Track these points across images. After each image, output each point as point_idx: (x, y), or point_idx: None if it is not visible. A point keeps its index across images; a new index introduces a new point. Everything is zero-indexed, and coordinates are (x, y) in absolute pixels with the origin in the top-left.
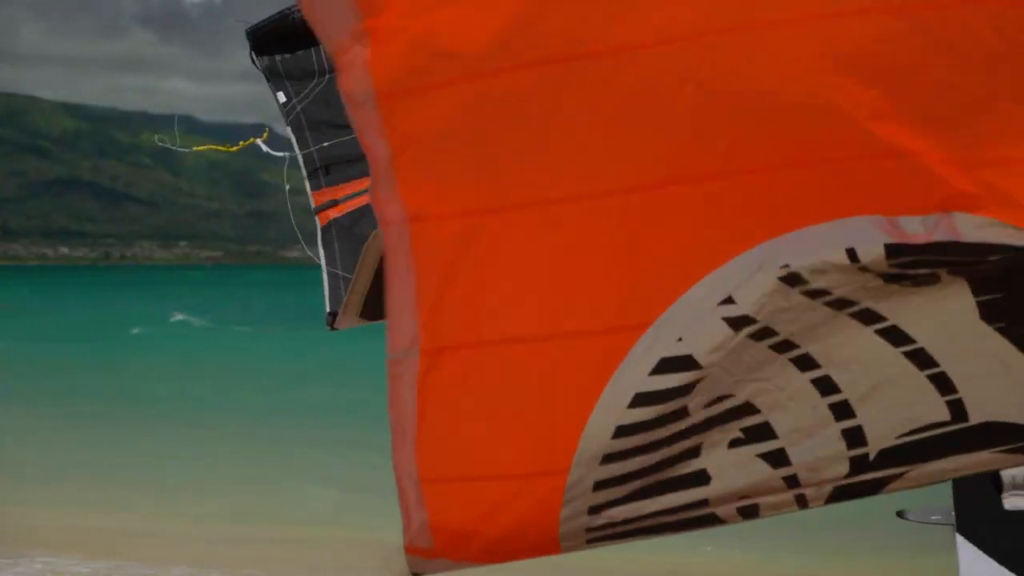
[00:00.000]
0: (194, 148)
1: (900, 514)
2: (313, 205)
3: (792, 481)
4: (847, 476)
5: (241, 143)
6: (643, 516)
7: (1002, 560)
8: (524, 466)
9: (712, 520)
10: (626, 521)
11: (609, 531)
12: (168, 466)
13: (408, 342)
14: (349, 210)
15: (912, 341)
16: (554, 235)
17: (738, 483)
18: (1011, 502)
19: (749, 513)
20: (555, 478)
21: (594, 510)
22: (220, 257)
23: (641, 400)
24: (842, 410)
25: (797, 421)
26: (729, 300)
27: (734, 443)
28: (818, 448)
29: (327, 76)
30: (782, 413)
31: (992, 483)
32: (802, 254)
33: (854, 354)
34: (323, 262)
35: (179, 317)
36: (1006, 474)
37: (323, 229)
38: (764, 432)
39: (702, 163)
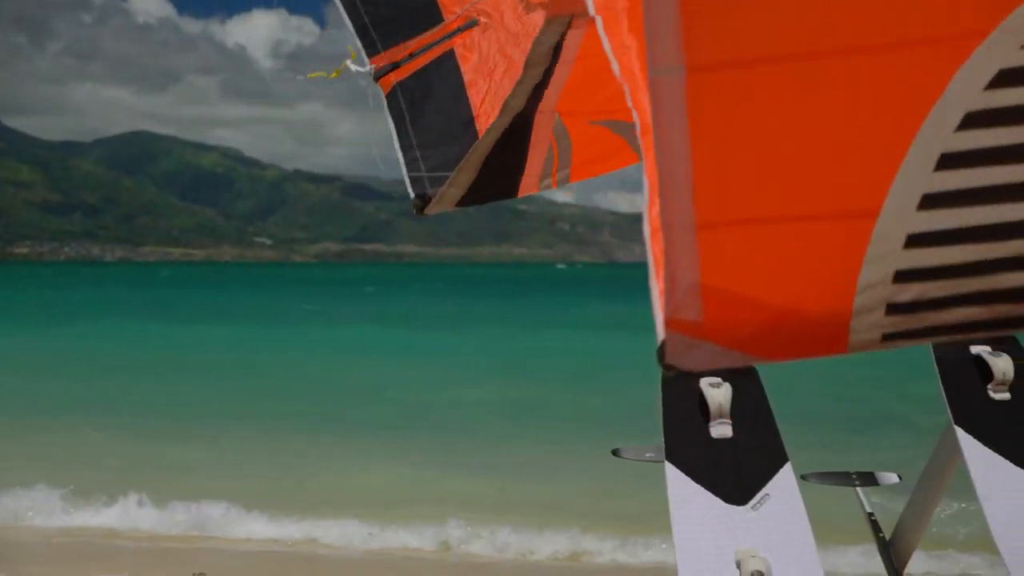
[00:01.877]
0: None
1: (615, 452)
2: (373, 72)
3: None
4: None
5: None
6: (961, 297)
7: (708, 486)
8: (823, 204)
9: None
10: (936, 303)
11: (914, 321)
12: None
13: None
14: (412, 71)
15: None
16: None
17: None
18: (717, 430)
19: None
20: (861, 224)
21: (900, 276)
22: None
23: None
24: None
25: None
26: None
27: None
28: None
29: None
30: None
31: (700, 413)
32: None
33: None
34: (395, 135)
35: None
36: (712, 403)
37: (388, 96)
38: None
39: None
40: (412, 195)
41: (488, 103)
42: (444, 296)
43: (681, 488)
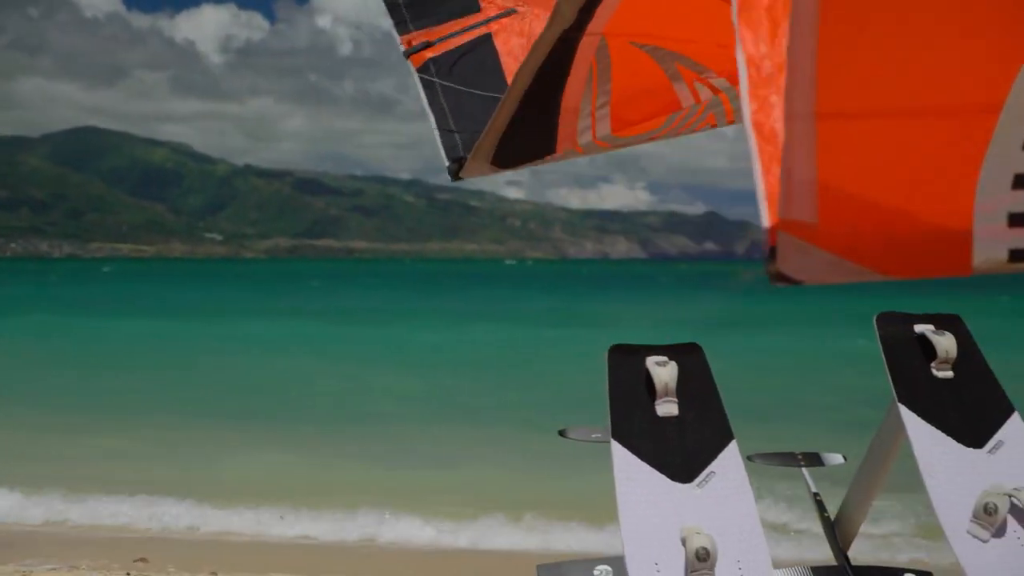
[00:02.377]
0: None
1: (561, 433)
2: (403, 48)
3: None
4: None
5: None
6: None
7: (653, 463)
8: (945, 97)
9: None
10: None
11: None
12: None
13: None
14: (447, 49)
15: None
16: None
17: None
18: (663, 409)
19: None
20: (982, 120)
21: (1019, 182)
22: None
23: None
24: None
25: None
26: None
27: None
28: None
29: None
30: None
31: (646, 391)
32: None
33: None
34: (426, 105)
35: None
36: (658, 381)
37: (420, 70)
38: None
39: None
40: (448, 162)
41: None
42: (382, 291)
43: (626, 466)
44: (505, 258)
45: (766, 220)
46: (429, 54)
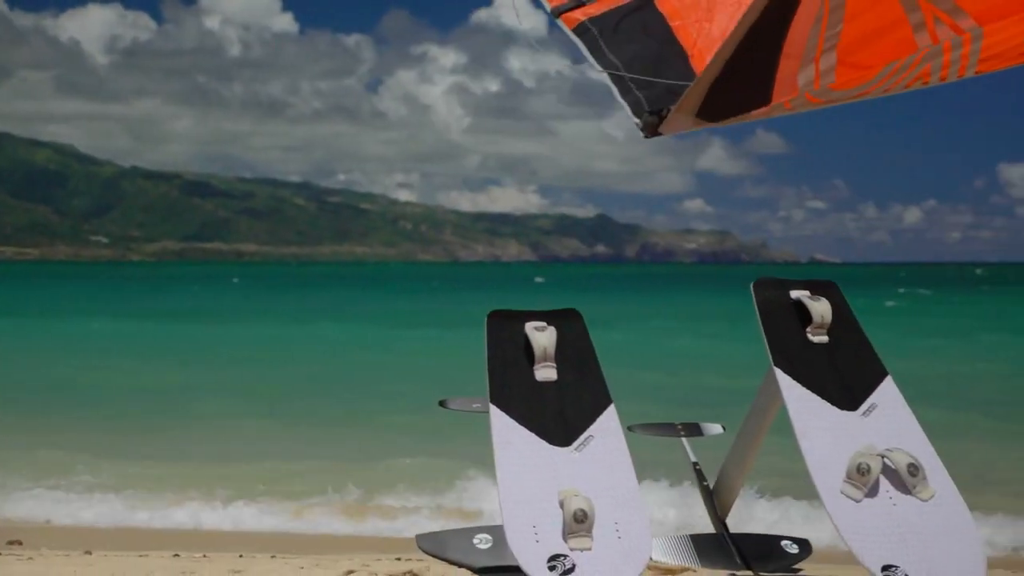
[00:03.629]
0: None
1: (442, 403)
2: (549, 7)
3: None
4: None
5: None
6: None
7: (531, 427)
8: None
9: None
10: None
11: None
12: None
13: None
14: (607, 8)
15: None
16: None
17: None
18: (541, 373)
19: None
20: None
21: None
22: None
23: None
24: None
25: None
26: None
27: None
28: None
29: None
30: None
31: (525, 356)
32: None
33: None
34: (594, 62)
35: None
36: (537, 347)
37: (577, 30)
38: None
39: None
40: (636, 120)
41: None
42: (243, 292)
43: (504, 430)
44: (397, 261)
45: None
46: (580, 16)
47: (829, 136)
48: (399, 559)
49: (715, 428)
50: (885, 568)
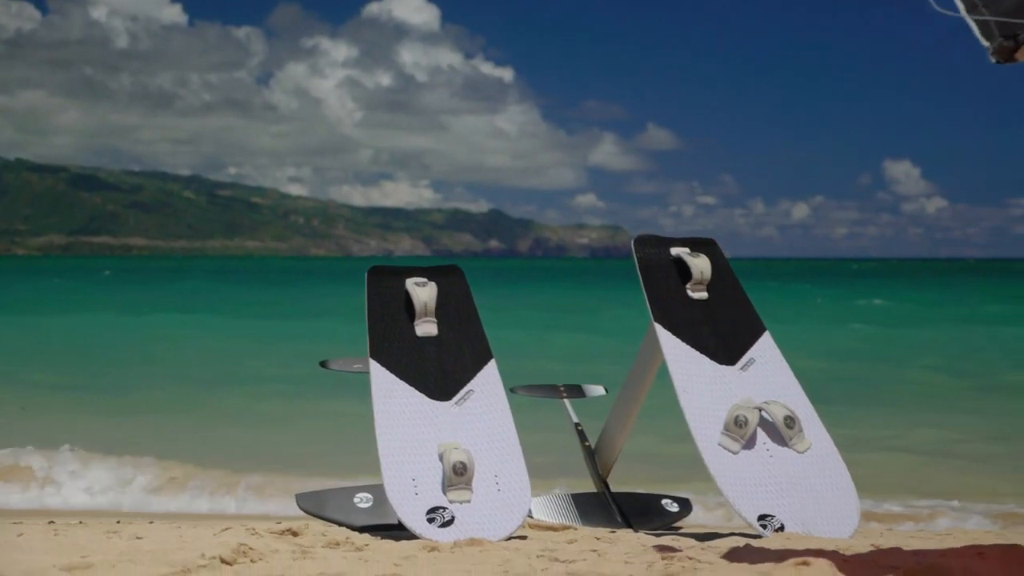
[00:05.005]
0: None
1: (323, 364)
2: None
3: None
4: None
5: None
6: None
7: (412, 382)
8: None
9: None
10: None
11: None
12: None
13: None
14: None
15: None
16: None
17: None
18: (422, 329)
19: None
20: None
21: None
22: None
23: None
24: None
25: None
26: None
27: None
28: None
29: None
30: None
31: (405, 311)
32: None
33: None
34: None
35: None
36: (418, 302)
37: None
38: None
39: None
40: (987, 43)
41: None
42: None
43: (384, 384)
44: (289, 255)
45: None
46: None
47: (719, 132)
48: (279, 523)
49: (597, 389)
50: (761, 517)
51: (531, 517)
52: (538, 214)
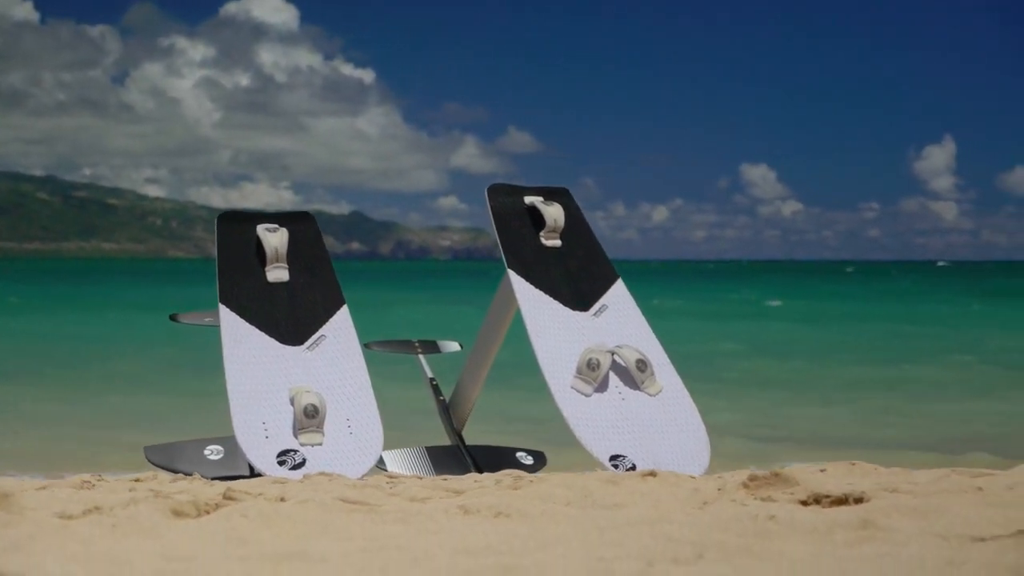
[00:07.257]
0: None
1: (172, 317)
2: None
3: None
4: None
5: None
6: None
7: (262, 327)
8: None
9: None
10: None
11: None
12: None
13: None
14: None
15: None
16: None
17: None
18: (273, 275)
19: None
20: None
21: None
22: None
23: None
24: None
25: None
26: None
27: None
28: None
29: None
30: None
31: (256, 257)
32: None
33: None
34: None
35: None
36: (268, 247)
37: None
38: None
39: None
40: None
41: None
42: None
43: (234, 329)
44: (147, 257)
45: None
46: None
47: (578, 136)
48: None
49: (452, 345)
50: (613, 458)
51: (385, 469)
52: (400, 216)
